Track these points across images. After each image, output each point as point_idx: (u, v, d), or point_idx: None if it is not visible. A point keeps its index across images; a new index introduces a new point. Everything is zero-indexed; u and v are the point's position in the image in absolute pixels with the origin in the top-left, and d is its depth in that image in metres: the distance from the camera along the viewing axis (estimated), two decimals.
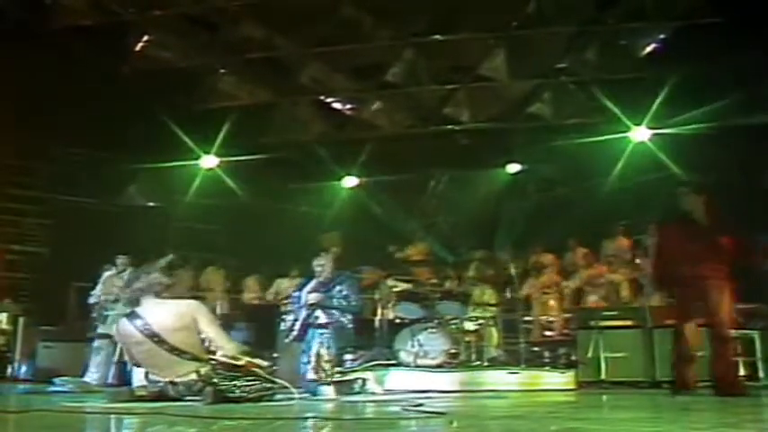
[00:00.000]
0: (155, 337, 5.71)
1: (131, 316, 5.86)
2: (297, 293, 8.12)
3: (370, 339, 9.27)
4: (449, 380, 8.59)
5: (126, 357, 6.37)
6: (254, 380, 5.80)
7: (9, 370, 10.47)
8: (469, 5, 11.10)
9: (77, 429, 4.30)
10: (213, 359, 5.78)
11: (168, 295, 5.95)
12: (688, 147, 11.63)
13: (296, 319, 7.75)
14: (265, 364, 6.01)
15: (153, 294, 5.88)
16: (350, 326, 7.76)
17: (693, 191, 7.27)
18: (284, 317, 8.86)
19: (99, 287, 9.58)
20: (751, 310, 9.08)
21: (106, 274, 9.92)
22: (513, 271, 10.62)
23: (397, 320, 10.09)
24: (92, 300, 9.67)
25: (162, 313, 5.78)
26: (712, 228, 7.05)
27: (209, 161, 14.19)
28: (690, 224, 7.15)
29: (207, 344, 5.96)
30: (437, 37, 11.52)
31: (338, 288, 7.79)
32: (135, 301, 5.93)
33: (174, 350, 5.70)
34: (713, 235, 7.01)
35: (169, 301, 5.86)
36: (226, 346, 5.84)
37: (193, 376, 5.69)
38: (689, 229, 7.13)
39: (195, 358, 5.75)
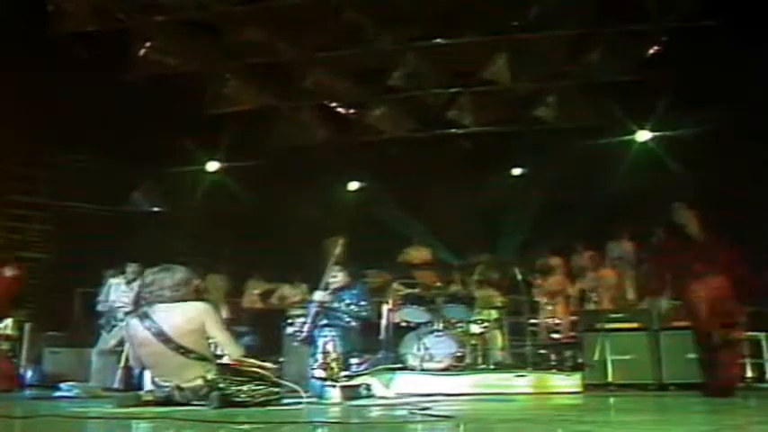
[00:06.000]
0: (161, 336, 5.71)
1: (142, 317, 5.87)
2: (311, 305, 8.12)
3: (375, 343, 9.26)
4: (455, 383, 8.57)
5: (131, 361, 6.38)
6: (260, 384, 5.80)
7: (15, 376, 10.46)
8: (472, 9, 11.09)
9: None
10: (219, 362, 5.79)
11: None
12: (691, 149, 11.64)
13: (305, 322, 7.75)
14: (271, 366, 6.01)
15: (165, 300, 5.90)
16: (356, 328, 7.76)
17: (686, 205, 7.34)
18: (290, 321, 8.87)
19: (105, 294, 9.56)
20: (757, 312, 9.07)
21: (113, 281, 9.91)
22: (518, 274, 10.60)
23: (403, 324, 10.08)
24: (100, 307, 9.67)
25: (171, 315, 5.79)
26: (707, 242, 7.13)
27: (212, 166, 14.26)
28: (685, 240, 7.24)
29: (214, 347, 5.99)
30: (440, 41, 11.53)
31: (349, 294, 7.79)
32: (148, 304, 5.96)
33: (179, 349, 5.70)
34: (709, 249, 7.08)
35: (180, 304, 5.87)
36: (230, 350, 5.87)
37: (200, 381, 5.69)
38: (685, 244, 7.23)
39: (201, 358, 5.75)
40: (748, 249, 7.35)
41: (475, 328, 9.95)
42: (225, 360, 5.84)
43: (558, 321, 11.36)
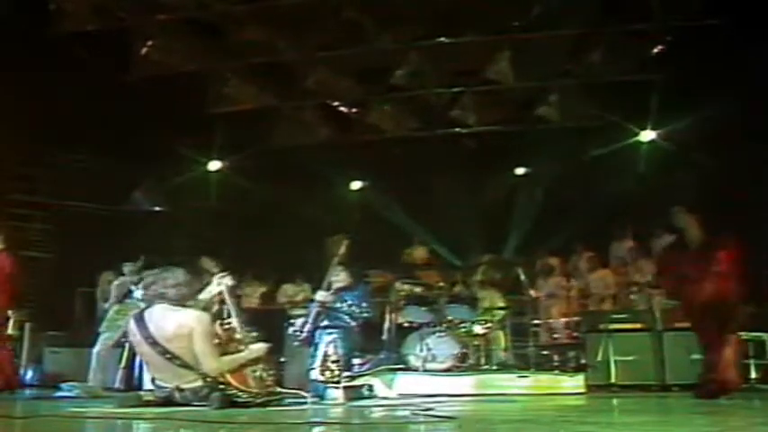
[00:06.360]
0: (149, 338, 5.70)
1: (137, 318, 5.88)
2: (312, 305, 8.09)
3: (378, 343, 9.23)
4: (458, 384, 8.55)
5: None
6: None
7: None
8: (474, 8, 11.07)
9: None
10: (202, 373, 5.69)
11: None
12: (693, 149, 11.62)
13: (306, 322, 7.72)
14: (255, 390, 5.83)
15: (167, 300, 5.88)
16: (357, 329, 7.73)
17: (686, 209, 7.29)
18: (292, 321, 8.84)
19: (113, 293, 9.57)
20: (762, 313, 9.05)
21: (115, 282, 9.90)
22: (521, 274, 10.57)
23: (406, 324, 10.05)
24: (105, 306, 9.68)
25: (164, 318, 5.78)
26: (706, 244, 7.08)
27: (214, 166, 14.25)
28: (684, 246, 7.21)
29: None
30: (442, 40, 11.50)
31: (351, 295, 7.76)
32: (149, 303, 5.95)
33: (165, 353, 5.66)
34: (708, 252, 7.04)
35: (176, 309, 5.84)
36: (208, 365, 5.69)
37: (200, 382, 5.66)
38: (684, 251, 7.20)
39: (186, 366, 5.67)
40: (748, 249, 7.32)
41: (477, 329, 9.92)
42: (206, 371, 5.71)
43: (559, 322, 11.33)
